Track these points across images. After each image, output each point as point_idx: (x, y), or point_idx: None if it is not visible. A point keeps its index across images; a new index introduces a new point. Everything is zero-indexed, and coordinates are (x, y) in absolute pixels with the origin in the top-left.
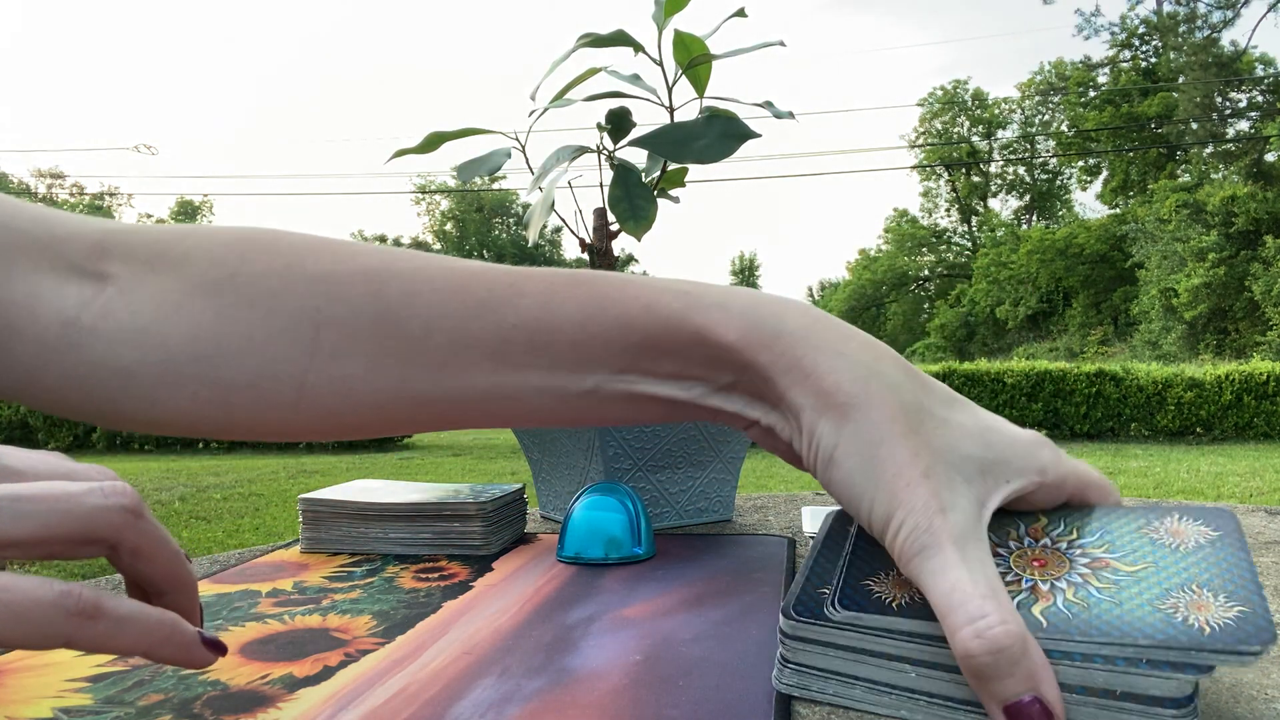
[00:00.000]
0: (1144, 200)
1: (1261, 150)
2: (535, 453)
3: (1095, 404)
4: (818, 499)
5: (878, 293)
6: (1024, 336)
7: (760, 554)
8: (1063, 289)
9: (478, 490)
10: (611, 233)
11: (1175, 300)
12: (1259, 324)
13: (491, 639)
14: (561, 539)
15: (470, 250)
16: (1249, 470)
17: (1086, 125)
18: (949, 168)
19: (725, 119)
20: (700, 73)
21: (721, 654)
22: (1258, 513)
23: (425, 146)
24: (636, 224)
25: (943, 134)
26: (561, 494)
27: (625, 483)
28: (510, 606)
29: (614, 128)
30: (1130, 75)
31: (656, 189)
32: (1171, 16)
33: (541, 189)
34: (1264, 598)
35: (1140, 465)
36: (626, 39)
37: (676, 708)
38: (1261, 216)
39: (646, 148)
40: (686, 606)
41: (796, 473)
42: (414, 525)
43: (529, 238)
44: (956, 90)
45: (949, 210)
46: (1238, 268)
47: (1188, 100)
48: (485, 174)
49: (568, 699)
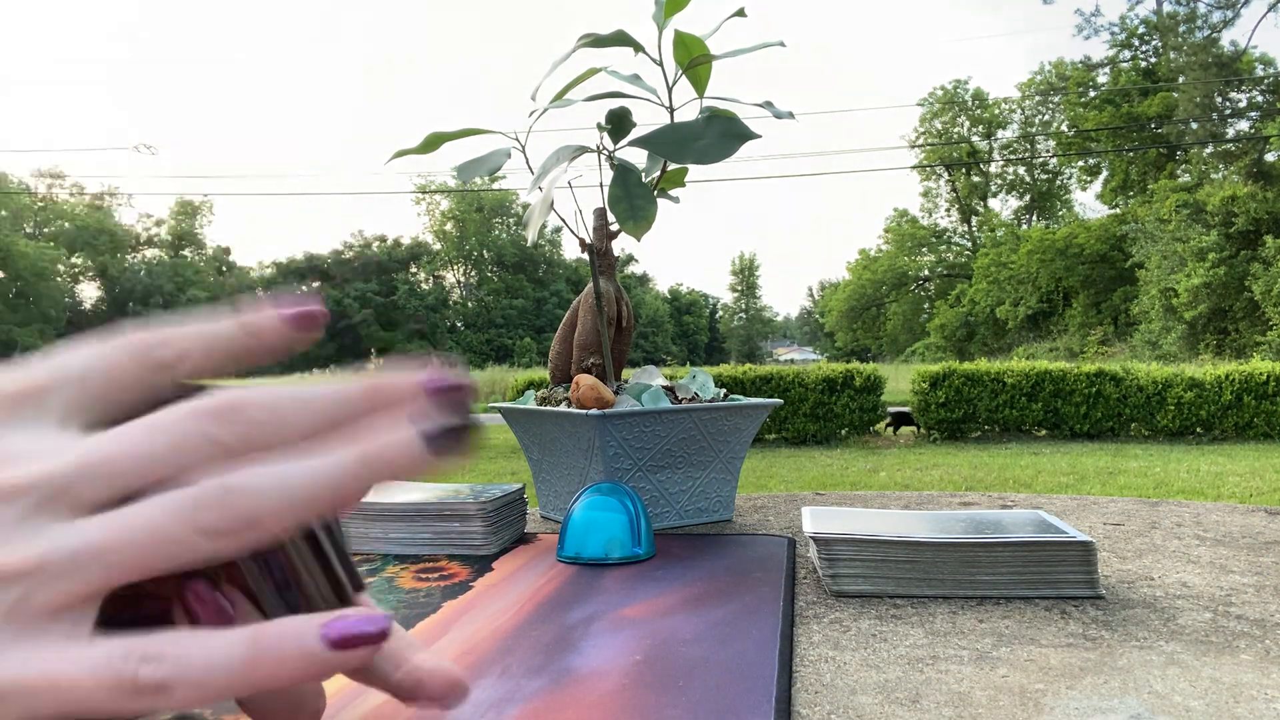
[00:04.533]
0: (1144, 200)
1: (1261, 150)
2: (535, 453)
3: (1095, 404)
4: (818, 499)
5: (878, 293)
6: (1024, 336)
7: (760, 554)
8: (1063, 289)
9: (478, 490)
10: (611, 233)
11: (1175, 300)
12: (1259, 324)
13: (491, 639)
14: (561, 539)
15: (470, 250)
16: (1249, 470)
17: (1086, 125)
18: (949, 168)
19: (725, 119)
20: (700, 73)
21: (721, 654)
22: (1258, 513)
23: (425, 146)
24: (636, 224)
25: (943, 134)
26: (561, 494)
27: (625, 483)
28: (510, 606)
29: (614, 128)
30: (1130, 75)
31: (656, 189)
32: (1171, 16)
33: (541, 189)
34: None
35: (1140, 465)
36: (627, 39)
37: (676, 708)
38: (1261, 216)
39: (646, 148)
40: (686, 606)
41: (796, 472)
42: (414, 525)
43: (529, 238)
44: (956, 90)
45: (949, 210)
46: (1238, 268)
47: (1188, 100)
48: (485, 174)
49: (568, 699)
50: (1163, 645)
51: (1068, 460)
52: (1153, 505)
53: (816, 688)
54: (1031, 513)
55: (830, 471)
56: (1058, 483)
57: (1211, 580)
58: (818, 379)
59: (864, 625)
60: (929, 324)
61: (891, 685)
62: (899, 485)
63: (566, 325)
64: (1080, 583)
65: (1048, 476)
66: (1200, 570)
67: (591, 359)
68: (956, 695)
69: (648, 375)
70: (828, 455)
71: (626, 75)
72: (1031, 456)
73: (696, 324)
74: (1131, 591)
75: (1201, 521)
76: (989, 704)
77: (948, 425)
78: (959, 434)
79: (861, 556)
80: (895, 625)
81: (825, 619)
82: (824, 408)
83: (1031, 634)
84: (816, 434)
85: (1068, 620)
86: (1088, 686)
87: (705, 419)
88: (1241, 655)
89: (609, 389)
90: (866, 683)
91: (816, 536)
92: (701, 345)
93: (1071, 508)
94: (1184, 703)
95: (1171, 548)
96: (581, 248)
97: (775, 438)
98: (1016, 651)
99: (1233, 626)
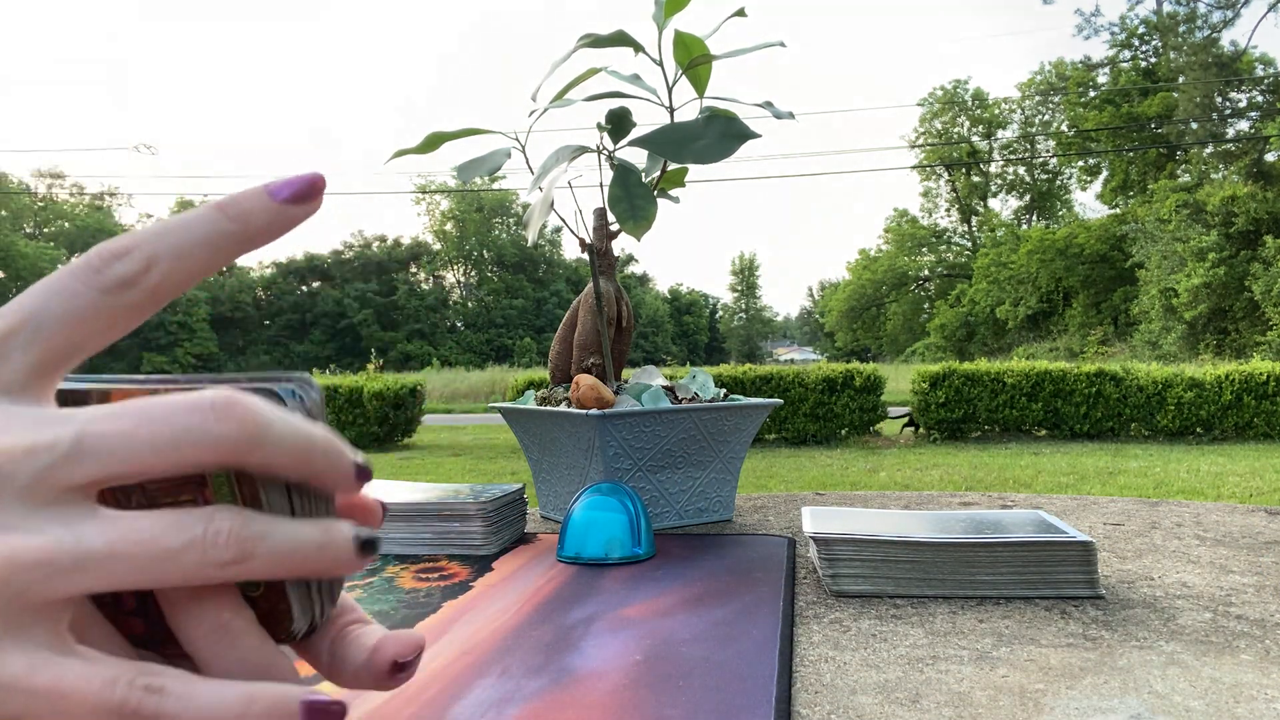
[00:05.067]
0: (1144, 200)
1: (1261, 150)
2: (535, 453)
3: (1095, 404)
4: (818, 499)
5: (878, 293)
6: (1024, 336)
7: (760, 554)
8: (1063, 289)
9: (478, 490)
10: (611, 233)
11: (1175, 300)
12: (1259, 324)
13: (491, 639)
14: (561, 539)
15: (470, 250)
16: (1249, 470)
17: (1086, 125)
18: (949, 168)
19: (725, 119)
20: (700, 73)
21: (721, 654)
22: (1258, 513)
23: (425, 146)
24: (636, 224)
25: (943, 134)
26: (561, 494)
27: (625, 483)
28: (510, 606)
29: (614, 128)
30: (1130, 75)
31: (656, 189)
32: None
33: (541, 189)
34: None
35: (1140, 465)
36: (627, 39)
37: (676, 708)
38: (1261, 216)
39: (646, 148)
40: (686, 606)
41: (796, 472)
42: (414, 525)
43: (529, 238)
44: (956, 90)
45: (949, 210)
46: (1238, 268)
47: (1188, 100)
48: (485, 174)
49: (568, 699)
50: (1163, 645)
51: (1068, 460)
52: (1153, 505)
53: (816, 688)
54: (1031, 513)
55: (830, 471)
56: (1058, 483)
57: (1211, 580)
58: (818, 379)
59: (864, 625)
60: (929, 324)
61: (891, 685)
62: (899, 485)
63: (566, 325)
64: (1080, 583)
65: (1048, 476)
66: (1200, 570)
67: (591, 359)
68: (956, 695)
69: (648, 375)
70: (828, 455)
71: (626, 75)
72: (1031, 456)
73: (696, 324)
74: (1131, 591)
75: (1201, 521)
76: (989, 704)
77: (948, 425)
78: (959, 434)
79: (861, 556)
80: (895, 625)
81: (825, 619)
82: (824, 408)
83: (1031, 634)
84: (816, 434)
85: (1068, 620)
86: (1088, 686)
87: (705, 419)
88: (1241, 655)
89: (609, 389)
90: (866, 683)
91: (816, 536)
92: (701, 345)
93: (1071, 508)
94: (1184, 703)
95: (1171, 548)
96: (581, 248)
97: (775, 438)
98: (1016, 651)
99: (1233, 626)
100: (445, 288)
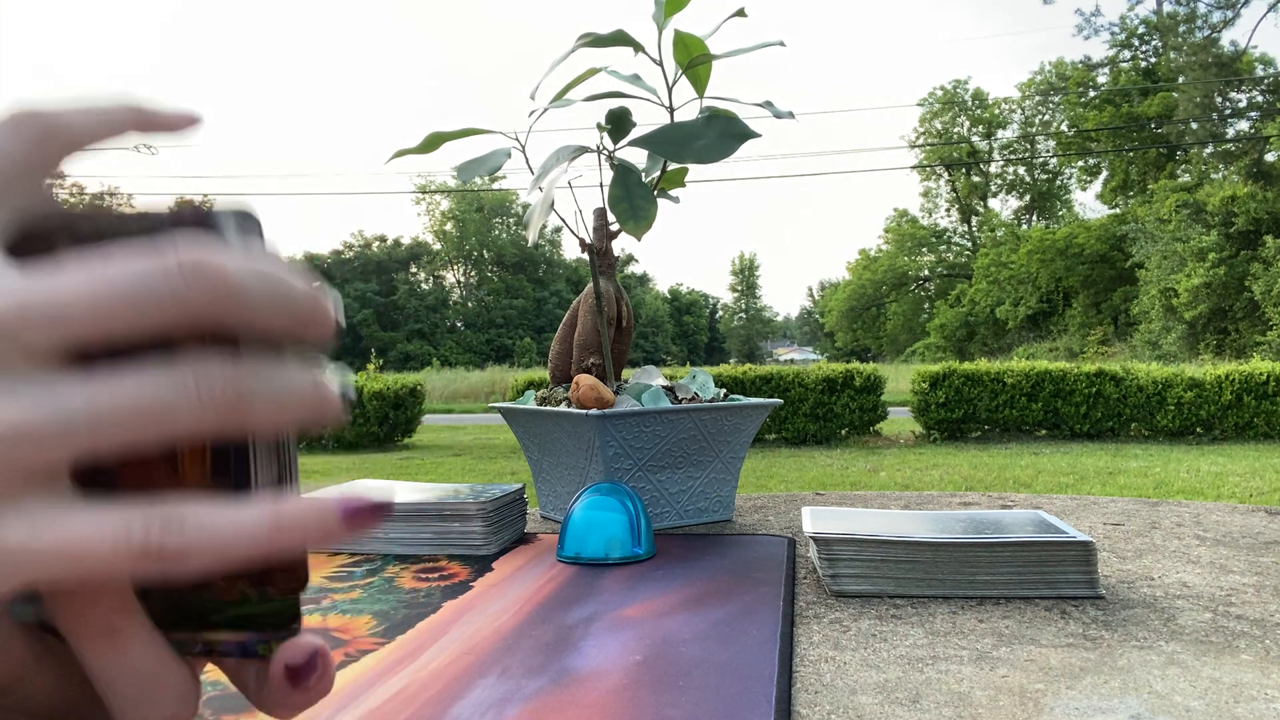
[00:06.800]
0: (1144, 200)
1: (1261, 150)
2: (535, 453)
3: (1095, 404)
4: (818, 499)
5: (878, 293)
6: (1024, 336)
7: (760, 554)
8: (1063, 289)
9: (478, 490)
10: (611, 233)
11: (1175, 300)
12: (1259, 324)
13: (491, 639)
14: (561, 539)
15: (470, 250)
16: (1249, 470)
17: (1086, 125)
18: (949, 168)
19: (725, 119)
20: (700, 73)
21: (721, 654)
22: (1258, 513)
23: (425, 146)
24: (636, 224)
25: (943, 134)
26: (561, 494)
27: (625, 483)
28: (510, 606)
29: (614, 128)
30: (1130, 75)
31: (656, 189)
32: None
33: (541, 189)
34: None
35: (1140, 465)
36: (626, 39)
37: (676, 708)
38: (1261, 216)
39: (646, 148)
40: (686, 606)
41: (796, 472)
42: (414, 525)
43: (529, 238)
44: (956, 90)
45: (949, 210)
46: (1238, 268)
47: (1188, 100)
48: (485, 174)
49: (568, 699)
50: (1163, 645)
51: (1068, 460)
52: (1153, 505)
53: (816, 688)
54: (1031, 513)
55: (830, 471)
56: (1058, 483)
57: (1211, 580)
58: (818, 379)
59: (864, 625)
60: (929, 324)
61: (891, 685)
62: (899, 485)
63: (566, 325)
64: (1080, 583)
65: (1048, 476)
66: (1200, 570)
67: (591, 359)
68: (956, 695)
69: (648, 375)
70: (828, 455)
71: (626, 75)
72: (1031, 456)
73: (696, 324)
74: (1131, 591)
75: (1201, 521)
76: (989, 704)
77: (948, 425)
78: (959, 434)
79: (861, 556)
80: (895, 625)
81: (825, 619)
82: (824, 408)
83: (1031, 634)
84: (816, 434)
85: (1068, 620)
86: (1088, 686)
87: (705, 419)
88: (1241, 655)
89: (609, 389)
90: (866, 683)
91: (816, 536)
92: (701, 345)
93: (1071, 508)
94: (1184, 703)
95: (1171, 548)
96: (581, 248)
97: (775, 438)
98: (1016, 651)
99: (1233, 626)
100: (445, 288)
